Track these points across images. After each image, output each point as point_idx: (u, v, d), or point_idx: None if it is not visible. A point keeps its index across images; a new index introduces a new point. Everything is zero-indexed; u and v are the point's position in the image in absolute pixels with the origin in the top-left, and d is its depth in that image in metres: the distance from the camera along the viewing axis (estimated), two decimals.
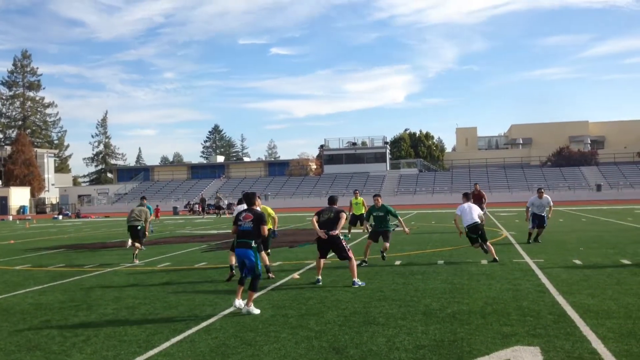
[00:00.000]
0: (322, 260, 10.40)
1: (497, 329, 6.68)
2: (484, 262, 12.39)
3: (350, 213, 19.86)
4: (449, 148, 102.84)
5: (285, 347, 6.19)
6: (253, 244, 8.24)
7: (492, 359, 5.54)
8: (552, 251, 14.03)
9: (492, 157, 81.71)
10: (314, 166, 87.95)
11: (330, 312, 7.80)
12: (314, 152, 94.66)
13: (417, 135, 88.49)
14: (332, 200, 10.75)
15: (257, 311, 7.88)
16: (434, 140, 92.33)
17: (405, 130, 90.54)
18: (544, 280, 9.89)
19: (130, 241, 14.65)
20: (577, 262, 12.00)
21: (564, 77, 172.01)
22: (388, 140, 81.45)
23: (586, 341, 6.05)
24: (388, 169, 76.46)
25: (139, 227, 15.05)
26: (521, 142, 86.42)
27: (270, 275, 10.92)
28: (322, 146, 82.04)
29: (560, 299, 8.22)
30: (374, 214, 12.88)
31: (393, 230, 13.30)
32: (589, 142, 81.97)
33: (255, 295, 8.27)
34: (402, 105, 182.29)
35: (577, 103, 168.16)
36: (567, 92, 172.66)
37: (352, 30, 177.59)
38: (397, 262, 12.79)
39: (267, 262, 11.12)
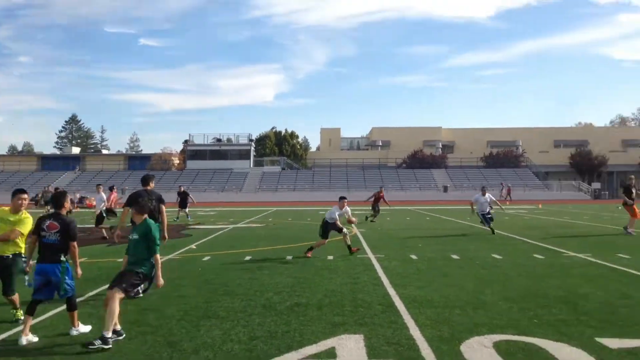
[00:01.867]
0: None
1: (330, 319, 7.12)
2: (330, 257, 12.97)
3: None
4: (314, 147, 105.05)
5: (117, 342, 6.17)
6: (62, 258, 6.66)
7: (319, 347, 5.93)
8: (394, 247, 14.97)
9: (353, 157, 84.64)
10: (176, 161, 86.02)
11: (171, 308, 7.86)
12: (177, 147, 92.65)
13: (283, 134, 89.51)
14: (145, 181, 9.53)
15: (88, 328, 6.73)
16: (299, 140, 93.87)
17: (272, 128, 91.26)
18: (381, 274, 10.59)
19: None
20: (414, 257, 12.93)
21: (423, 84, 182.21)
22: (253, 137, 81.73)
23: (405, 328, 6.64)
24: (251, 166, 76.71)
25: None
26: (380, 144, 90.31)
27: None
28: (186, 141, 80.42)
29: (391, 291, 8.88)
30: None
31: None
32: (441, 146, 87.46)
33: (76, 313, 6.77)
34: (271, 104, 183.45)
35: (433, 109, 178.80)
36: (424, 99, 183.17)
37: (227, 26, 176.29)
38: (248, 258, 13.02)
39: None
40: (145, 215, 7.15)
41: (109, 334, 6.01)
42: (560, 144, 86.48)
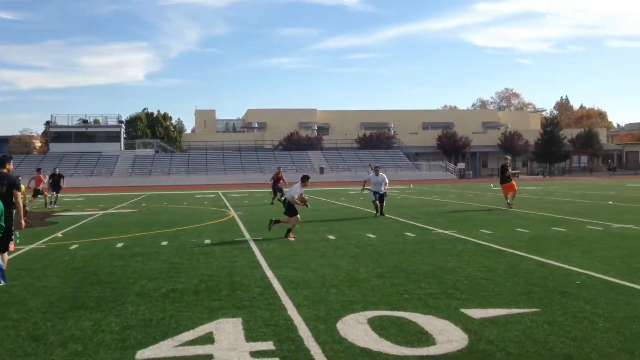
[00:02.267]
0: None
1: (207, 304, 7.01)
2: (207, 241, 12.77)
3: None
4: (188, 130, 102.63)
5: None
6: None
7: (196, 333, 5.81)
8: (272, 229, 15.00)
9: (230, 139, 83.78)
10: (38, 144, 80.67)
11: (34, 300, 7.36)
12: (40, 129, 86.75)
13: (155, 115, 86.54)
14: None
15: None
16: (173, 122, 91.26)
17: (144, 109, 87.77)
18: (259, 256, 10.58)
19: None
20: (291, 238, 13.05)
21: (297, 66, 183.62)
22: (123, 119, 78.36)
23: (283, 309, 6.68)
24: (122, 149, 73.62)
25: None
26: (256, 126, 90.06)
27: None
28: (48, 122, 75.50)
29: (269, 273, 8.90)
30: None
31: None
32: (316, 128, 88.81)
33: None
34: (141, 84, 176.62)
35: (308, 92, 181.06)
36: (299, 81, 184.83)
37: (88, 1, 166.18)
38: (119, 245, 12.51)
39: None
40: None
41: None
42: (429, 126, 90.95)
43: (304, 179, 13.87)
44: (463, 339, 5.40)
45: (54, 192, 26.68)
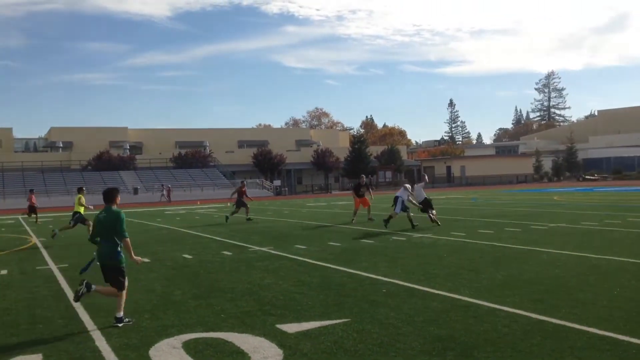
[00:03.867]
0: None
1: (3, 341, 6.36)
2: (4, 272, 11.60)
3: None
4: None
5: None
6: None
7: None
8: (79, 255, 14.03)
9: (30, 160, 77.07)
10: None
11: None
12: None
13: None
14: None
15: None
16: None
17: None
18: (64, 285, 9.85)
19: None
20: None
21: (104, 82, 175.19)
22: None
23: (91, 340, 6.29)
24: None
25: None
26: (61, 145, 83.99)
27: None
28: None
29: (75, 304, 8.29)
30: None
31: None
32: (128, 147, 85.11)
33: None
34: None
35: (118, 109, 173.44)
36: (108, 98, 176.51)
37: None
38: None
39: None
40: None
41: None
42: (244, 144, 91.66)
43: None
44: (278, 354, 5.49)
45: None
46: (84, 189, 19.82)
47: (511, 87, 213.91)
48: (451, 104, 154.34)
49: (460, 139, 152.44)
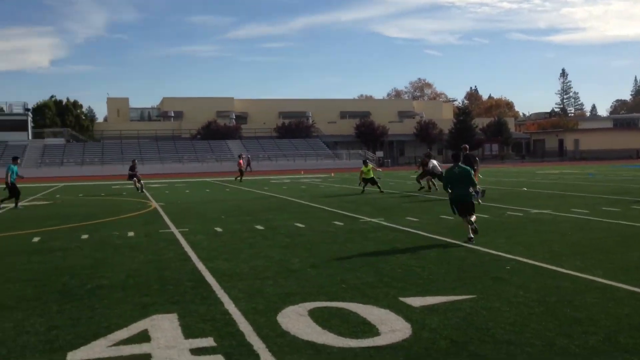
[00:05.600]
0: None
1: (137, 300, 6.69)
2: (131, 234, 12.28)
3: None
4: (100, 118, 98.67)
5: None
6: None
7: (130, 331, 5.52)
8: (197, 220, 14.65)
9: (145, 128, 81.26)
10: None
11: None
12: None
13: (64, 103, 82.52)
14: None
15: None
16: (83, 110, 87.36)
17: (51, 97, 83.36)
18: (187, 248, 10.26)
19: None
20: (218, 229, 12.76)
21: (211, 54, 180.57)
22: (30, 107, 74.25)
23: (220, 303, 6.48)
24: (30, 138, 69.88)
25: None
26: (173, 115, 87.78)
27: None
28: None
29: (200, 266, 8.63)
30: None
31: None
32: (234, 117, 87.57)
33: None
34: (47, 71, 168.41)
35: (224, 80, 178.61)
36: (214, 70, 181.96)
37: None
38: (35, 239, 11.80)
39: None
40: None
41: None
42: (346, 115, 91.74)
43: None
44: (406, 328, 5.40)
45: None
46: None
47: (628, 55, 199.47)
48: (563, 74, 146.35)
49: (573, 111, 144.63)
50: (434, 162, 22.79)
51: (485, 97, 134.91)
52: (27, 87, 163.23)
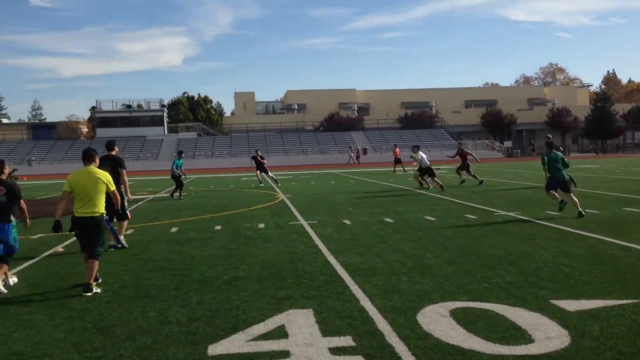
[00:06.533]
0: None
1: (273, 293, 6.65)
2: (261, 225, 12.46)
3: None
4: (228, 112, 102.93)
5: (40, 332, 5.48)
6: (11, 218, 7.26)
7: (267, 325, 5.46)
8: (325, 212, 14.63)
9: (270, 121, 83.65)
10: (85, 129, 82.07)
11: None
12: (84, 115, 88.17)
13: (196, 99, 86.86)
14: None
15: (15, 280, 7.55)
16: (213, 104, 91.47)
17: (184, 93, 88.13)
18: (317, 241, 10.19)
19: None
20: (347, 222, 12.63)
21: (331, 47, 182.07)
22: (165, 103, 78.89)
23: (355, 299, 6.27)
24: (166, 132, 74.24)
25: None
26: (296, 107, 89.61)
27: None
28: (93, 108, 76.67)
29: (332, 259, 8.50)
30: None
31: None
32: (356, 108, 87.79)
33: (5, 269, 7.32)
34: (179, 69, 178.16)
35: (345, 72, 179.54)
36: (335, 62, 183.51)
37: None
38: (174, 229, 12.30)
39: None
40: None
41: None
42: (471, 104, 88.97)
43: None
44: (563, 335, 4.89)
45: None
46: None
47: None
48: None
49: None
50: (422, 154, 21.25)
51: (624, 81, 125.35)
52: (162, 84, 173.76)
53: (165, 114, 75.98)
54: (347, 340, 4.97)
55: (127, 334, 5.32)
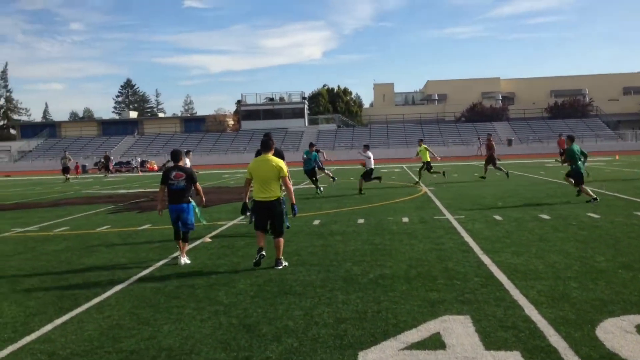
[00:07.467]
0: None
1: (424, 295, 6.14)
2: (405, 219, 11.94)
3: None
4: (366, 104, 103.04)
5: (189, 326, 5.39)
6: (190, 199, 8.43)
7: (421, 333, 4.96)
8: (471, 206, 13.80)
9: (409, 112, 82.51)
10: (231, 122, 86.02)
11: (242, 281, 7.03)
12: (230, 108, 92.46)
13: (335, 91, 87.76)
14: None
15: (187, 261, 8.26)
16: (352, 96, 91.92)
17: (324, 86, 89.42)
18: (467, 238, 9.50)
19: None
20: (498, 217, 11.76)
21: (472, 35, 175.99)
22: (306, 95, 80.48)
23: (518, 307, 5.59)
24: (306, 124, 75.75)
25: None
26: (436, 98, 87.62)
27: None
28: (239, 102, 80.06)
29: (485, 259, 7.81)
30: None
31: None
32: (500, 98, 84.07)
33: (187, 247, 8.65)
34: (319, 62, 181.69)
35: (489, 60, 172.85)
36: (477, 50, 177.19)
37: None
38: (316, 222, 12.14)
39: None
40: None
41: None
42: (630, 91, 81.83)
43: None
44: None
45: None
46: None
47: None
48: None
49: None
50: (369, 153, 19.03)
51: None
52: (303, 77, 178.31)
53: (305, 106, 77.54)
54: (514, 356, 4.35)
55: (273, 334, 5.07)
